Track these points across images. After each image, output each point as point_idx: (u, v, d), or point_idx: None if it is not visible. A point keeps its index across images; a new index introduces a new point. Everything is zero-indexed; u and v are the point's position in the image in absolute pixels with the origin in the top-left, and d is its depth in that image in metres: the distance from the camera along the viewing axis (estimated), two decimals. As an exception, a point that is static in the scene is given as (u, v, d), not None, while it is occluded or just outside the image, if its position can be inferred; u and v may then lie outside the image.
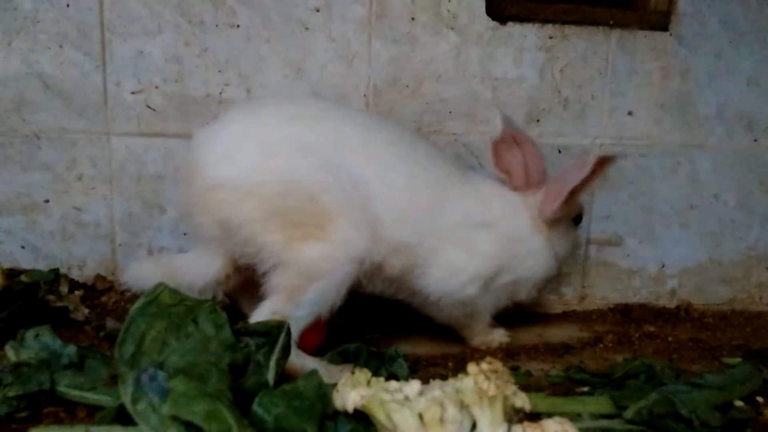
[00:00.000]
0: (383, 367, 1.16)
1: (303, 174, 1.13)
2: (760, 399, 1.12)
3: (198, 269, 1.22)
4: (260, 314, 1.12)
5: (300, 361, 1.10)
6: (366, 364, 1.15)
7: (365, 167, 1.19)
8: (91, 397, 0.93)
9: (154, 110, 1.46)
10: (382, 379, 0.82)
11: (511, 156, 1.39)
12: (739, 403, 1.07)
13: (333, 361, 1.17)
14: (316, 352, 1.20)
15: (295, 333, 1.11)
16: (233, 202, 1.13)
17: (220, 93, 1.47)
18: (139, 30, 1.42)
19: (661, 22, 1.59)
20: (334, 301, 1.15)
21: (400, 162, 1.25)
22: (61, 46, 1.41)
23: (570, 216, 1.43)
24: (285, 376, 1.01)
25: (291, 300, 1.12)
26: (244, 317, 1.22)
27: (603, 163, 1.30)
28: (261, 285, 1.15)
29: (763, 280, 1.75)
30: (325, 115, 1.24)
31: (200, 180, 1.15)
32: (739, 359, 1.34)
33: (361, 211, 1.16)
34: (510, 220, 1.35)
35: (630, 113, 1.62)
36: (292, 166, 1.14)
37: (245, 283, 1.25)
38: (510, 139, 1.38)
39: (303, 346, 1.14)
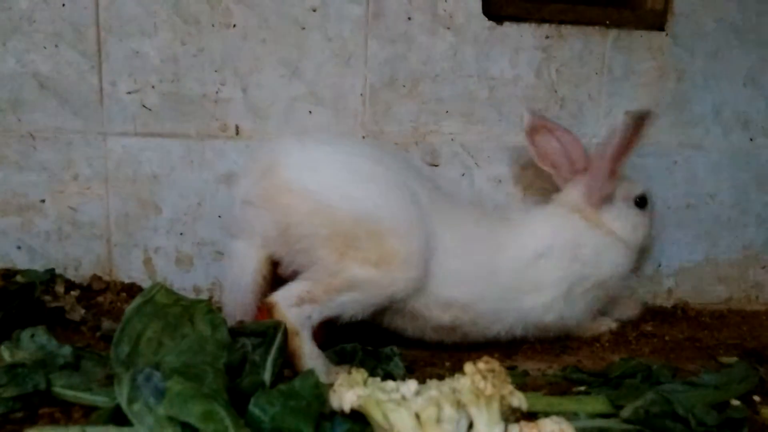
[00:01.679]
0: (379, 366, 1.16)
1: (381, 210, 1.17)
2: (756, 398, 1.12)
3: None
4: (293, 288, 1.13)
5: (308, 348, 1.11)
6: (362, 364, 1.15)
7: (431, 226, 1.23)
8: (87, 397, 0.93)
9: (150, 110, 1.45)
10: (378, 378, 0.82)
11: (550, 147, 1.46)
12: (735, 402, 1.07)
13: (330, 359, 1.17)
14: None
15: (318, 318, 1.13)
16: (304, 212, 1.15)
17: (216, 93, 1.46)
18: (135, 29, 1.42)
19: (657, 21, 1.59)
20: (357, 315, 1.18)
21: (456, 229, 1.29)
22: (56, 46, 1.41)
23: (627, 197, 1.46)
24: (282, 375, 1.01)
25: (326, 293, 1.14)
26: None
27: (635, 122, 1.34)
28: None
29: (760, 279, 1.75)
30: (406, 169, 1.30)
31: (277, 179, 1.17)
32: (735, 358, 1.34)
33: (421, 260, 1.20)
34: (560, 234, 1.39)
35: (627, 113, 1.61)
36: (372, 199, 1.17)
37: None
38: (543, 130, 1.45)
39: None
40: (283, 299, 1.12)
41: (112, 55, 1.43)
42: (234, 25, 1.44)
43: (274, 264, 1.22)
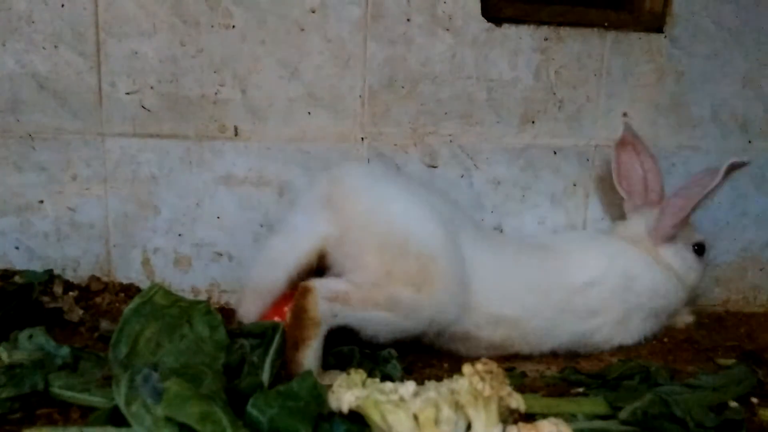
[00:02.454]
0: (377, 368, 1.16)
1: (423, 235, 1.20)
2: (754, 400, 1.13)
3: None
4: (333, 282, 1.15)
5: (317, 344, 1.10)
6: (360, 366, 1.15)
7: (470, 250, 1.27)
8: (85, 398, 0.93)
9: (149, 111, 1.45)
10: (377, 380, 0.82)
11: (632, 169, 1.51)
12: (733, 404, 1.07)
13: (328, 362, 1.17)
14: None
15: (341, 322, 1.13)
16: (359, 222, 1.19)
17: (216, 93, 1.46)
18: (134, 30, 1.42)
19: (655, 23, 1.59)
20: (380, 336, 1.18)
21: (498, 250, 1.35)
22: (55, 47, 1.41)
23: (687, 241, 1.50)
24: (280, 376, 1.01)
25: (362, 301, 1.15)
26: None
27: (731, 170, 1.37)
28: None
29: (758, 281, 1.76)
30: (444, 200, 1.36)
31: (342, 186, 1.23)
32: (733, 360, 1.34)
33: (459, 285, 1.23)
34: (615, 266, 1.41)
35: (625, 115, 1.62)
36: (417, 224, 1.21)
37: None
38: (630, 147, 1.50)
39: None
40: (321, 288, 1.12)
41: (111, 56, 1.43)
42: (233, 26, 1.44)
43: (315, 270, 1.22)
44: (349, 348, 1.20)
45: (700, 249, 1.52)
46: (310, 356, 1.08)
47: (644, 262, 1.44)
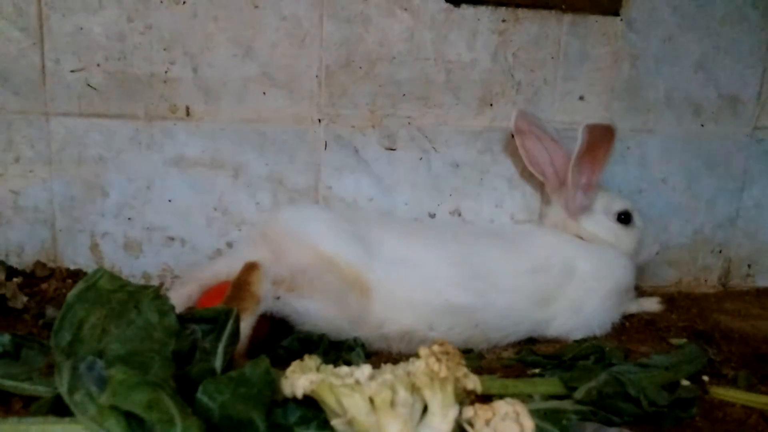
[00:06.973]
0: (341, 356, 1.15)
1: (351, 255, 1.25)
2: (705, 378, 1.15)
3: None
4: (279, 268, 1.17)
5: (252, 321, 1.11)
6: (326, 353, 1.14)
7: (405, 253, 1.30)
8: (27, 387, 0.89)
9: (96, 89, 1.40)
10: (331, 365, 0.80)
11: (539, 154, 1.52)
12: (685, 383, 1.09)
13: (291, 347, 1.16)
14: (256, 348, 1.16)
15: (281, 307, 1.15)
16: (295, 246, 1.26)
17: (165, 72, 1.41)
18: (80, 5, 1.36)
19: (612, 6, 1.60)
20: (321, 324, 1.19)
21: (438, 244, 1.36)
22: (-6, 21, 1.34)
23: (608, 210, 1.51)
24: (233, 363, 0.99)
25: (305, 284, 1.17)
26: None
27: (594, 134, 1.39)
28: None
29: (708, 263, 1.80)
30: (367, 217, 1.45)
31: (283, 219, 1.34)
32: (685, 340, 1.37)
33: (397, 286, 1.25)
34: (554, 253, 1.40)
35: (581, 98, 1.63)
36: (343, 246, 1.26)
37: None
38: (530, 134, 1.50)
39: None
40: (267, 268, 1.14)
41: (55, 32, 1.36)
42: (184, 2, 1.39)
43: None
44: (319, 335, 1.18)
45: (625, 217, 1.52)
46: (243, 328, 1.06)
47: (580, 245, 1.45)
